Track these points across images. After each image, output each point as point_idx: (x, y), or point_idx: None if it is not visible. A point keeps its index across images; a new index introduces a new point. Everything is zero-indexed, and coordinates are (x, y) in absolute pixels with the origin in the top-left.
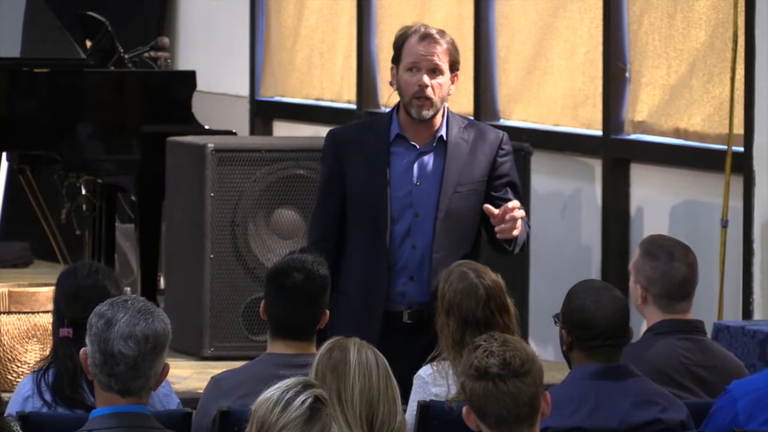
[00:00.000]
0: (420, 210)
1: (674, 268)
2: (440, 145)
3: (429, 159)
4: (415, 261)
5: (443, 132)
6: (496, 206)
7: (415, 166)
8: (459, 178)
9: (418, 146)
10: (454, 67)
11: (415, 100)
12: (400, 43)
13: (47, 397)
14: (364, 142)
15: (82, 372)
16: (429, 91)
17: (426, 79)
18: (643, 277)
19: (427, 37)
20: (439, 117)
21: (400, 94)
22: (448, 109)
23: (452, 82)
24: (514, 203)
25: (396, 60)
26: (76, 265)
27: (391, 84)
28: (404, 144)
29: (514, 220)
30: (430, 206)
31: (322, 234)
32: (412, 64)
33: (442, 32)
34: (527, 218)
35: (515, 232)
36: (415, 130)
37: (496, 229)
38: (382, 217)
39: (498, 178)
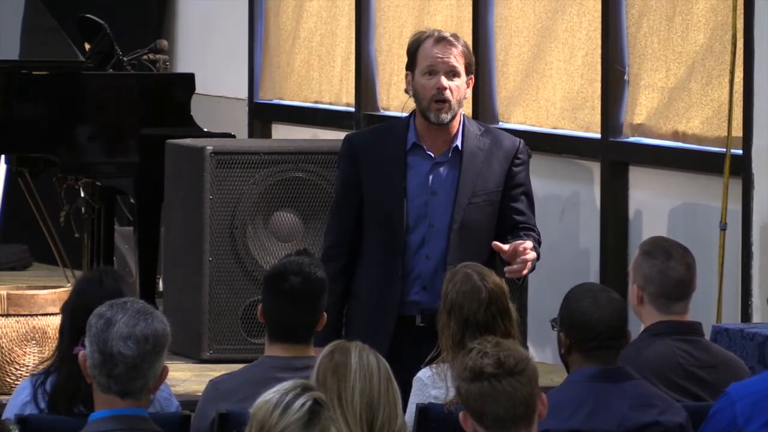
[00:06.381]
0: (435, 220)
1: (671, 267)
2: (456, 155)
3: (445, 169)
4: (429, 271)
5: (459, 142)
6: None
7: (431, 176)
8: (474, 189)
9: (433, 155)
10: (469, 69)
11: (434, 103)
12: (414, 49)
13: (43, 405)
14: (381, 148)
15: (84, 387)
16: (447, 93)
17: (444, 81)
18: (640, 276)
19: (442, 40)
20: (456, 123)
21: (417, 99)
22: (464, 116)
23: (467, 86)
24: (526, 245)
25: (411, 66)
26: (100, 277)
27: (406, 92)
28: (420, 153)
29: (525, 262)
30: (445, 217)
31: (337, 239)
32: (429, 68)
33: (456, 36)
34: (537, 232)
35: (524, 272)
36: (432, 138)
37: (506, 270)
38: (397, 226)
39: (513, 188)
